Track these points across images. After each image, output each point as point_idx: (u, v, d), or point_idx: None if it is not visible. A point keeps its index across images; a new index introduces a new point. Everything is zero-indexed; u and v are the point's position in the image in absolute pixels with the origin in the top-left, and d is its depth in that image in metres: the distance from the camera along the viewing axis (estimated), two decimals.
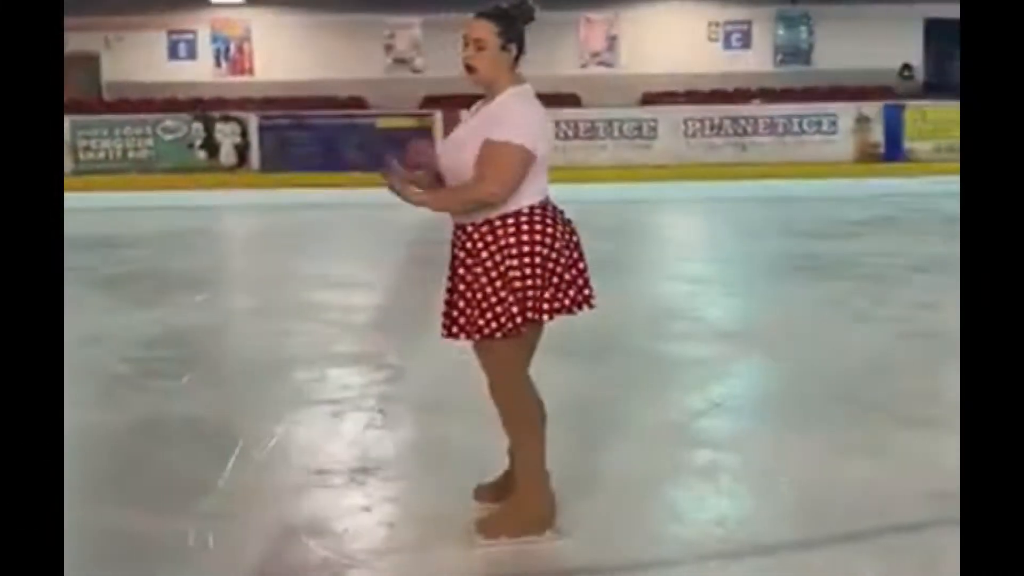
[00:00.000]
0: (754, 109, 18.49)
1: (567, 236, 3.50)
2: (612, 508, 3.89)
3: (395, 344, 6.55)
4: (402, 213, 14.95)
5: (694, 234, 12.50)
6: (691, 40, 21.25)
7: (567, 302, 3.48)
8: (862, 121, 17.76)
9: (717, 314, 7.42)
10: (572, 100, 20.21)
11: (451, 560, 3.53)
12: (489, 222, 3.43)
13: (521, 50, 3.52)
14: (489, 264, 3.41)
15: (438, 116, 18.25)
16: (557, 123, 18.13)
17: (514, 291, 3.39)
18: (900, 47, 20.71)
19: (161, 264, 9.66)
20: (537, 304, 3.42)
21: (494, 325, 3.41)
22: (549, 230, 3.44)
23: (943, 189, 15.31)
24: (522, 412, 3.55)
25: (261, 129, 17.96)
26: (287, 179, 16.93)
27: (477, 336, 3.46)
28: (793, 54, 21.36)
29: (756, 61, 21.34)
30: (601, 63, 21.50)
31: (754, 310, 7.43)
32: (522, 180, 3.42)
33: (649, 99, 20.39)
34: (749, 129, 17.97)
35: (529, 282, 3.40)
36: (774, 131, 17.94)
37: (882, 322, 6.84)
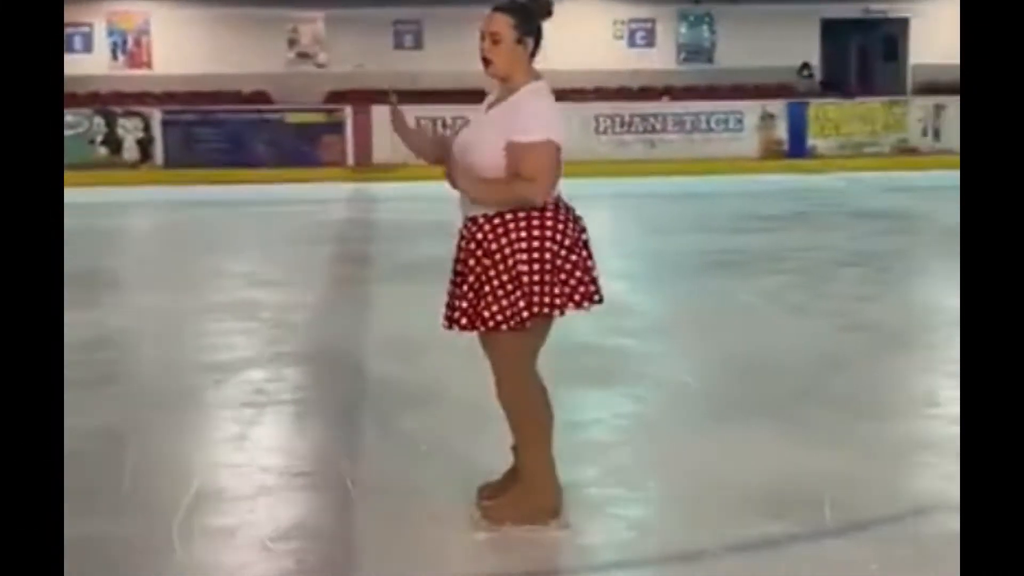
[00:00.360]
0: (663, 106, 18.73)
1: (577, 233, 3.53)
2: (589, 506, 3.91)
3: (343, 342, 6.48)
4: (316, 209, 14.76)
5: (614, 230, 12.59)
6: (597, 38, 21.39)
7: (576, 297, 3.50)
8: (767, 118, 18.15)
9: (657, 309, 7.50)
10: (481, 96, 20.18)
11: (452, 555, 3.51)
12: (501, 215, 3.45)
13: (538, 44, 3.52)
14: (498, 257, 3.42)
15: (348, 111, 18.08)
16: (468, 120, 18.13)
17: (522, 285, 3.41)
18: (798, 46, 21.18)
19: (80, 263, 9.31)
20: (544, 299, 3.44)
21: (499, 317, 3.42)
22: (560, 226, 3.47)
23: (848, 185, 15.81)
24: (528, 406, 3.57)
25: (165, 124, 17.55)
26: (193, 175, 16.59)
27: (483, 327, 3.46)
28: (696, 52, 21.67)
29: (660, 59, 21.58)
30: None
31: (692, 304, 7.52)
32: (559, 175, 3.45)
33: (558, 96, 20.43)
34: (658, 126, 18.20)
35: (537, 277, 3.42)
36: (682, 128, 18.22)
37: (822, 316, 7.00)
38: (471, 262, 3.48)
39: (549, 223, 3.45)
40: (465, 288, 3.49)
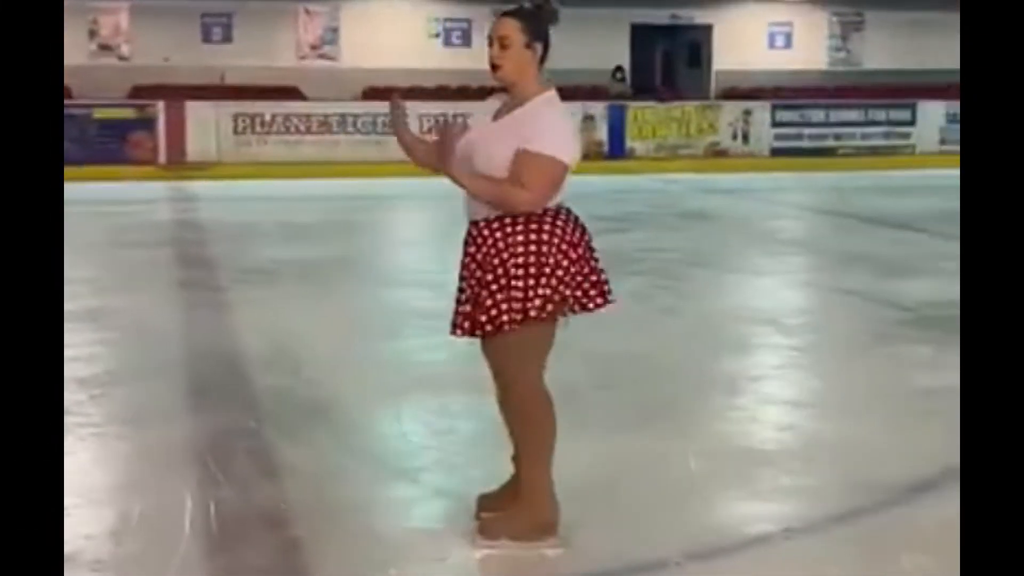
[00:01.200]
0: None
1: (579, 237, 3.48)
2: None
3: (217, 351, 6.20)
4: (139, 209, 14.10)
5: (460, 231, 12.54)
6: (412, 36, 21.31)
7: (584, 302, 3.47)
8: (588, 120, 18.47)
9: None
10: (292, 93, 19.78)
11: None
12: (500, 219, 3.41)
13: (547, 50, 3.51)
14: (496, 262, 3.38)
15: (160, 106, 17.35)
16: (288, 117, 17.69)
17: (513, 288, 3.36)
18: (610, 50, 21.66)
19: None
20: (542, 303, 3.38)
21: (504, 318, 3.36)
22: (558, 231, 3.42)
23: (668, 186, 16.26)
24: (532, 418, 3.51)
25: None
26: None
27: (479, 331, 3.41)
28: None
29: (475, 58, 21.60)
30: (321, 56, 21.14)
31: None
32: (556, 192, 3.40)
33: (372, 94, 20.25)
34: None
35: (531, 281, 3.37)
36: None
37: (692, 316, 7.17)
38: (472, 266, 3.44)
39: (547, 227, 3.41)
40: (467, 293, 3.45)
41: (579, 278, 3.46)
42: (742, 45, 22.55)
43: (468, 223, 3.51)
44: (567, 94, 15.99)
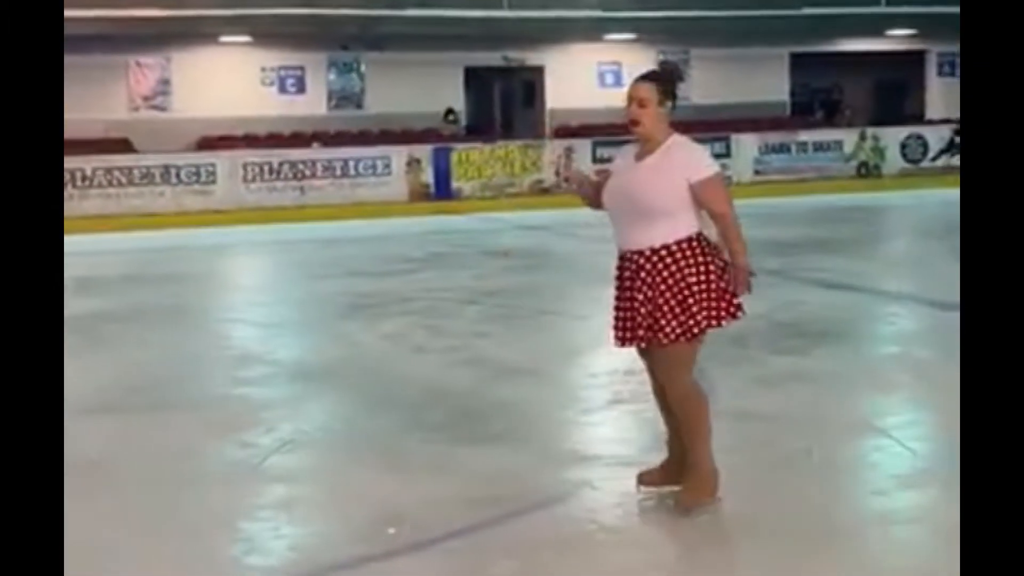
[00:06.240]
0: (312, 153, 19.03)
1: (720, 255, 4.17)
2: (189, 546, 4.14)
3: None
4: None
5: (260, 278, 12.74)
6: (246, 84, 21.47)
7: (732, 310, 4.16)
8: (413, 163, 18.87)
9: (289, 355, 7.74)
10: (123, 145, 19.76)
11: None
12: (667, 247, 4.10)
13: (675, 105, 4.20)
14: (671, 281, 4.08)
15: None
16: (110, 171, 17.67)
17: (698, 301, 4.08)
18: (444, 92, 22.14)
19: None
20: (712, 313, 4.10)
21: (680, 330, 4.07)
22: (715, 249, 4.16)
23: (490, 224, 16.68)
24: (696, 402, 4.22)
25: None
26: None
27: (667, 340, 4.08)
28: (346, 98, 22.19)
29: (311, 105, 21.93)
30: (153, 107, 21.15)
31: (325, 349, 7.82)
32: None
33: (206, 143, 20.36)
34: (308, 172, 18.49)
35: (705, 294, 4.09)
36: (332, 174, 18.59)
37: (438, 352, 7.48)
38: (644, 288, 4.10)
39: (707, 246, 4.14)
40: (642, 310, 4.10)
41: (723, 292, 4.13)
42: (573, 84, 23.23)
43: (626, 252, 4.17)
44: (396, 138, 16.33)
